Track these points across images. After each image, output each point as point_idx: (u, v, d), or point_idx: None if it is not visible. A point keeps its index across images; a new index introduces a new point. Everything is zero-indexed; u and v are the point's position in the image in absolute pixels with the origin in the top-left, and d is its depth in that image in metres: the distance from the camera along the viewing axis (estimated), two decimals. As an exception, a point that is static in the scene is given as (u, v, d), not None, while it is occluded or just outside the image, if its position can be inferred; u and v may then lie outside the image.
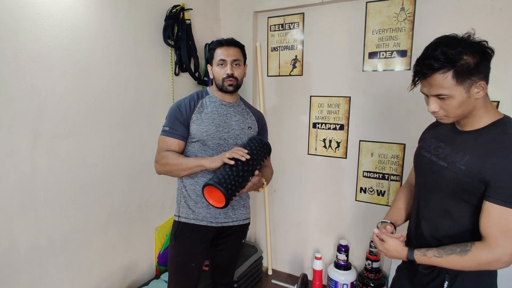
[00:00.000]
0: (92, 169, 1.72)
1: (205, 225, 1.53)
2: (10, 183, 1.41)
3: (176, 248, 1.55)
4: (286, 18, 2.39)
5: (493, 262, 0.98)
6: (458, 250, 1.02)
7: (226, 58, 1.48)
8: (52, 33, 1.49)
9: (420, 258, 1.09)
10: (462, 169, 1.03)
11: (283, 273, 2.69)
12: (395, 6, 2.02)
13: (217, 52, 1.50)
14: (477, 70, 0.99)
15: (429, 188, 1.17)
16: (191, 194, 1.53)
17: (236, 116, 1.56)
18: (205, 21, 2.40)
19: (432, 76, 1.00)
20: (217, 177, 1.29)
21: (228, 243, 1.64)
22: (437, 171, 1.11)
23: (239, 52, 1.54)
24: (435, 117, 1.09)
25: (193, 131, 1.48)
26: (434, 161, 1.14)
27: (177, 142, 1.47)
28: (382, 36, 2.08)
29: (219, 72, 1.49)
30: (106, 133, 1.77)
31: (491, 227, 0.98)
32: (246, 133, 1.57)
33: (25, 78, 1.41)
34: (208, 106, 1.52)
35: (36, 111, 1.46)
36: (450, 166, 1.07)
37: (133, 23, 1.86)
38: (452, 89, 0.99)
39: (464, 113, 1.04)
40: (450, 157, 1.09)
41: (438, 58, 0.98)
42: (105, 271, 1.85)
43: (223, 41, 1.51)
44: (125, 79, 1.85)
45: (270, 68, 2.52)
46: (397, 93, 2.09)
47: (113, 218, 1.87)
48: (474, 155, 1.02)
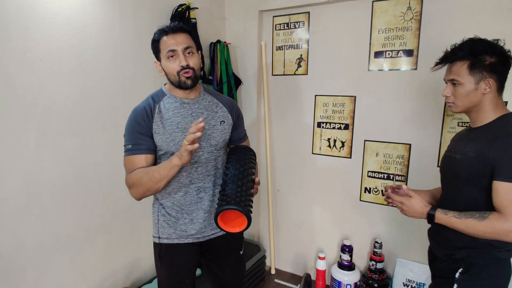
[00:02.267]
0: (97, 168, 1.74)
1: (191, 242, 1.35)
2: (16, 181, 1.42)
3: (165, 270, 1.38)
4: (291, 17, 2.39)
5: (508, 232, 1.06)
6: (477, 216, 1.11)
7: (175, 47, 1.22)
8: (59, 32, 1.50)
9: (440, 215, 1.18)
10: (471, 156, 1.16)
11: (286, 273, 2.69)
12: (401, 5, 2.01)
13: (163, 42, 1.24)
14: (491, 69, 1.15)
15: (450, 180, 1.29)
16: (170, 211, 1.33)
17: (203, 112, 1.32)
18: (210, 20, 2.40)
19: (453, 63, 1.20)
20: (223, 199, 1.12)
21: (226, 259, 1.46)
22: (455, 163, 1.24)
23: (189, 38, 1.27)
24: (446, 102, 1.26)
25: (158, 143, 1.26)
26: (452, 156, 1.28)
27: (144, 158, 1.24)
28: (388, 36, 2.07)
29: (171, 66, 1.24)
30: (111, 132, 1.78)
31: (502, 202, 1.08)
32: (219, 129, 1.34)
33: (32, 76, 1.43)
34: (168, 109, 1.28)
35: (43, 109, 1.48)
36: (463, 156, 1.20)
37: (139, 22, 1.87)
38: (464, 77, 1.17)
39: (471, 105, 1.20)
40: (463, 149, 1.22)
41: (464, 49, 1.18)
42: (109, 269, 1.86)
43: (167, 28, 1.24)
44: (131, 78, 1.86)
45: (275, 67, 2.51)
46: (403, 93, 2.08)
47: (117, 216, 1.88)
48: (481, 142, 1.15)
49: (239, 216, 1.13)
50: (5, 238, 1.41)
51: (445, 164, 1.33)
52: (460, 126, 1.92)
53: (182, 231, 1.34)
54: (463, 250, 1.21)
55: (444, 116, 1.96)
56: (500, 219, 1.07)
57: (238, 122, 1.45)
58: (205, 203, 1.34)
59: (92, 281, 1.78)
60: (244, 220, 1.12)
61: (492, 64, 1.15)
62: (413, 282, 2.15)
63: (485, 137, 1.15)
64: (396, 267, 2.21)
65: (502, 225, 1.06)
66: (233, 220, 1.16)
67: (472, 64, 1.15)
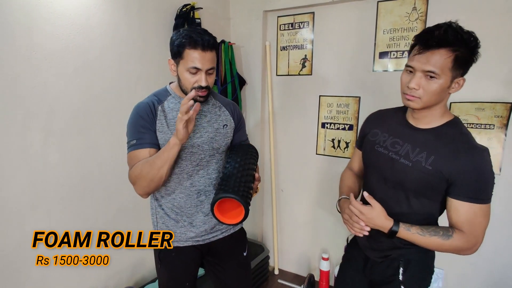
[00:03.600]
0: (101, 166, 1.74)
1: (190, 245, 1.33)
2: (21, 179, 1.43)
3: (165, 273, 1.38)
4: (296, 18, 2.38)
5: (467, 250, 1.07)
6: (441, 233, 1.06)
7: (201, 67, 1.17)
8: (64, 31, 1.51)
9: (403, 231, 1.08)
10: (428, 169, 1.06)
11: (289, 273, 2.69)
12: (407, 5, 1.99)
13: (190, 54, 1.16)
14: (467, 66, 1.01)
15: (391, 184, 1.16)
16: (169, 213, 1.32)
17: (207, 115, 1.31)
18: (215, 20, 2.41)
19: (436, 51, 0.98)
20: (220, 188, 1.10)
21: (230, 261, 1.42)
22: (401, 169, 1.12)
23: (215, 56, 1.22)
24: (408, 94, 1.05)
25: (160, 141, 1.24)
26: (395, 159, 1.14)
27: (147, 152, 1.20)
28: (393, 36, 2.06)
29: (189, 79, 1.19)
30: (116, 130, 1.79)
31: (463, 222, 1.05)
32: (222, 133, 1.33)
33: (38, 76, 1.44)
34: (172, 109, 1.27)
35: (48, 108, 1.49)
36: (414, 165, 1.09)
37: (144, 22, 1.88)
38: (444, 72, 0.99)
39: (433, 103, 1.05)
40: (412, 155, 1.10)
41: (455, 37, 0.96)
42: (113, 268, 1.87)
43: (199, 41, 1.15)
44: (135, 77, 1.87)
45: (279, 68, 2.51)
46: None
47: (122, 215, 1.89)
48: (439, 155, 1.05)
49: (237, 206, 1.11)
50: (11, 237, 1.42)
51: (385, 165, 1.17)
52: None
53: (182, 234, 1.32)
54: (398, 249, 1.18)
55: (450, 117, 1.95)
56: (462, 238, 1.05)
57: (240, 125, 1.43)
58: (205, 207, 1.32)
59: (97, 280, 1.79)
60: (242, 211, 1.08)
61: (469, 60, 1.00)
62: (417, 283, 2.13)
63: (442, 148, 1.05)
64: (400, 269, 2.20)
65: (463, 245, 1.06)
66: (230, 211, 1.13)
67: (460, 59, 0.97)
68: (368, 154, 1.26)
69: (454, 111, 1.92)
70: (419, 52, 1.01)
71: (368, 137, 1.27)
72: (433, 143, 1.08)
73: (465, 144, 1.04)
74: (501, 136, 1.83)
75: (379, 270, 1.24)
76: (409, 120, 1.16)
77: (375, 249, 1.24)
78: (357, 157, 1.38)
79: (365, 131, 1.31)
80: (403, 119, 1.18)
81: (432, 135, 1.09)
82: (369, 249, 1.27)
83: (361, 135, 1.34)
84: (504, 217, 1.89)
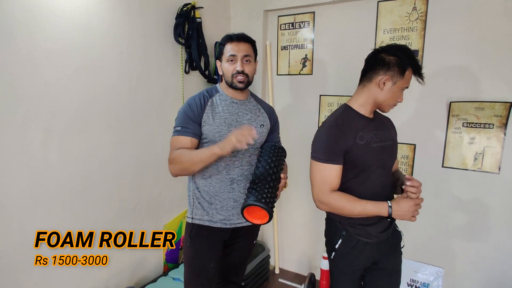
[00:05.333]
0: (102, 166, 1.74)
1: (219, 227, 1.49)
2: (22, 179, 1.42)
3: (193, 249, 1.49)
4: (296, 17, 2.38)
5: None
6: None
7: (236, 53, 1.41)
8: (65, 30, 1.50)
9: None
10: (395, 139, 1.46)
11: (290, 272, 2.69)
12: (407, 5, 2.00)
13: (227, 47, 1.42)
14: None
15: (387, 168, 1.39)
16: (204, 195, 1.48)
17: (247, 114, 1.50)
18: (215, 20, 2.40)
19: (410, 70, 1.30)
20: (252, 193, 1.26)
21: (241, 243, 1.61)
22: (389, 149, 1.40)
23: (250, 47, 1.46)
24: (394, 107, 1.38)
25: (204, 132, 1.42)
26: (383, 145, 1.37)
27: (189, 140, 1.39)
28: (394, 36, 2.06)
29: (228, 68, 1.42)
30: (116, 130, 1.78)
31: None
32: (258, 132, 1.50)
33: (38, 75, 1.43)
34: (219, 104, 1.46)
35: (48, 108, 1.48)
36: (393, 142, 1.44)
37: (144, 21, 1.87)
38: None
39: None
40: (388, 136, 1.41)
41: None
42: (113, 268, 1.86)
43: (234, 36, 1.43)
44: (136, 77, 1.86)
45: (280, 67, 2.51)
46: (407, 93, 2.06)
47: (122, 215, 1.88)
48: (389, 128, 1.46)
49: (262, 210, 1.26)
50: (10, 237, 1.41)
51: (383, 154, 1.36)
52: (465, 127, 1.92)
53: (213, 215, 1.47)
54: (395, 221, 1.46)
55: (449, 116, 1.96)
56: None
57: (275, 128, 1.63)
58: (236, 194, 1.49)
59: (97, 280, 1.78)
60: (266, 215, 1.26)
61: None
62: (417, 282, 2.15)
63: (386, 123, 1.46)
64: (400, 268, 2.21)
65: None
66: (256, 212, 1.29)
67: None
68: (367, 154, 1.31)
69: (454, 110, 1.93)
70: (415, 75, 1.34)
71: (357, 142, 1.30)
72: (382, 123, 1.43)
73: (388, 120, 1.52)
74: (501, 135, 1.84)
75: (384, 247, 1.40)
76: (367, 115, 1.38)
77: (387, 228, 1.38)
78: (332, 175, 1.29)
79: (345, 144, 1.29)
80: (358, 115, 1.36)
81: (377, 118, 1.42)
82: (381, 234, 1.36)
83: (339, 150, 1.28)
84: (503, 215, 1.90)
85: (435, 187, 2.05)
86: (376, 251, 1.38)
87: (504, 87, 1.82)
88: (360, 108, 1.36)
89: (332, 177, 1.29)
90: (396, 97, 1.32)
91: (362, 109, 1.36)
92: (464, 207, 2.01)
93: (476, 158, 1.92)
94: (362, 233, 1.34)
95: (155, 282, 2.00)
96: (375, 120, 1.40)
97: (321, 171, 1.31)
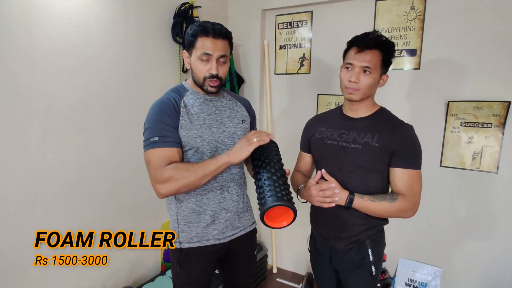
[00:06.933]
0: (99, 165, 1.74)
1: (212, 244, 1.31)
2: (19, 178, 1.42)
3: (183, 277, 1.33)
4: (294, 16, 2.38)
5: (409, 210, 1.25)
6: (388, 198, 1.24)
7: (212, 52, 1.18)
8: (63, 30, 1.50)
9: (357, 199, 1.24)
10: (376, 146, 1.26)
11: (288, 272, 2.69)
12: (405, 4, 2.00)
13: (201, 42, 1.18)
14: (388, 65, 1.29)
15: (347, 169, 1.31)
16: (191, 212, 1.30)
17: (226, 111, 1.32)
18: (213, 19, 2.34)
19: (370, 51, 1.23)
20: (269, 194, 1.09)
21: (241, 257, 1.45)
22: (353, 153, 1.29)
23: (227, 45, 1.24)
24: (348, 88, 1.27)
25: (184, 138, 1.20)
26: (345, 146, 1.31)
27: (176, 151, 1.18)
28: (391, 35, 2.06)
29: (200, 68, 1.21)
30: (114, 129, 1.78)
31: (405, 186, 1.24)
32: (241, 128, 1.34)
33: (36, 74, 1.43)
34: (193, 104, 1.25)
35: (46, 107, 1.48)
36: (364, 146, 1.27)
37: (142, 21, 1.87)
38: (377, 68, 1.24)
39: (366, 95, 1.28)
40: (359, 139, 1.29)
41: (383, 41, 1.25)
42: (111, 267, 1.86)
43: (210, 29, 1.17)
44: (134, 76, 1.86)
45: (278, 66, 2.51)
46: (405, 92, 2.08)
47: (120, 214, 1.88)
48: (381, 132, 1.27)
49: (284, 210, 1.11)
50: (8, 236, 1.41)
51: (337, 153, 1.32)
52: (464, 126, 1.92)
53: (204, 232, 1.30)
54: (366, 232, 1.33)
55: (447, 115, 1.96)
56: (405, 200, 1.23)
57: (254, 121, 1.48)
58: (228, 203, 1.33)
59: (95, 279, 1.79)
60: (290, 213, 1.10)
61: (390, 61, 1.29)
62: (415, 282, 2.15)
63: (381, 127, 1.28)
64: (398, 267, 2.21)
65: (406, 204, 1.23)
66: (278, 216, 1.13)
67: (385, 58, 1.25)
68: (320, 149, 1.40)
69: (452, 110, 1.93)
70: (359, 51, 1.24)
71: (315, 136, 1.43)
72: (373, 125, 1.29)
73: (396, 122, 1.30)
74: (499, 134, 1.84)
75: (348, 258, 1.36)
76: (347, 114, 1.36)
77: (344, 238, 1.35)
78: (302, 160, 1.54)
79: (309, 135, 1.48)
80: (341, 114, 1.38)
81: (369, 120, 1.31)
82: (338, 239, 1.37)
83: (305, 139, 1.51)
84: (501, 215, 1.90)
85: (434, 185, 2.05)
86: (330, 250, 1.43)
87: (502, 86, 1.81)
88: (344, 106, 1.41)
89: (300, 162, 1.55)
90: None
91: (344, 108, 1.40)
92: (462, 206, 2.01)
93: (474, 157, 1.92)
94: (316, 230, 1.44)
95: (153, 282, 2.00)
96: (359, 121, 1.32)
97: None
